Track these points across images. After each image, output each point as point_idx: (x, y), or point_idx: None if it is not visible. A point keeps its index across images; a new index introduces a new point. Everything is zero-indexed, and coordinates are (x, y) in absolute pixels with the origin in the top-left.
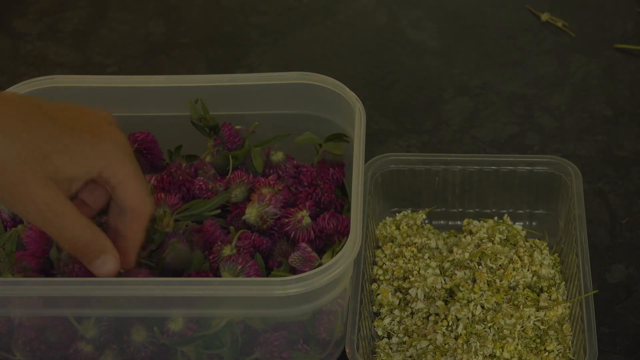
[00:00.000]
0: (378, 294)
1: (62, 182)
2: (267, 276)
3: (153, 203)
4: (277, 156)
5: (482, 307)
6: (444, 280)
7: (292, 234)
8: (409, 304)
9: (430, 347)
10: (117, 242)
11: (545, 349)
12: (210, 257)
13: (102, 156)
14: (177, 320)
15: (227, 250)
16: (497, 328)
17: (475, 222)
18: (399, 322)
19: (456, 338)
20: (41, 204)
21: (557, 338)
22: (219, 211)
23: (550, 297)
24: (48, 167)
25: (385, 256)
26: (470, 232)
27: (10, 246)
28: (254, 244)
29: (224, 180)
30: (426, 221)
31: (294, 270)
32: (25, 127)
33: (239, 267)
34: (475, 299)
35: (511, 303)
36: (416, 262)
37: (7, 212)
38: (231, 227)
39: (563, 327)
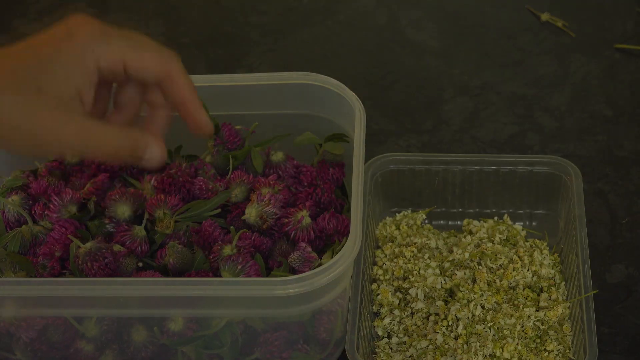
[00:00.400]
0: (378, 294)
1: (71, 102)
2: (267, 276)
3: (175, 58)
4: (277, 156)
5: (482, 307)
6: (444, 280)
7: (292, 234)
8: (409, 304)
9: (430, 347)
10: (182, 111)
11: (545, 349)
12: (211, 257)
13: (88, 54)
14: (177, 320)
15: (227, 250)
16: (497, 328)
17: (475, 222)
18: (399, 322)
19: (456, 338)
20: (66, 137)
21: (557, 338)
22: (219, 211)
23: (550, 297)
24: (48, 101)
25: (385, 256)
26: (470, 232)
27: (13, 246)
28: (254, 244)
29: (224, 180)
30: (426, 221)
31: (294, 271)
32: (5, 75)
33: (239, 266)
34: (475, 299)
35: (511, 303)
36: (416, 262)
37: (12, 213)
38: (231, 227)
39: (563, 327)
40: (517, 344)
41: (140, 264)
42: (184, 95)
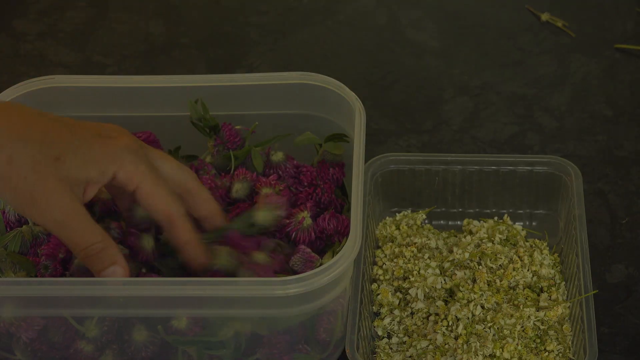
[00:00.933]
0: (378, 294)
1: (76, 186)
2: None
3: (179, 204)
4: (277, 156)
5: (482, 307)
6: (444, 280)
7: (293, 234)
8: (409, 304)
9: (430, 347)
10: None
11: (545, 349)
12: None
13: (114, 159)
14: (181, 318)
15: (261, 257)
16: (497, 328)
17: (475, 222)
18: (399, 322)
19: (456, 338)
20: (54, 207)
21: (557, 338)
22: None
23: (550, 297)
24: (61, 169)
25: (385, 256)
26: (470, 232)
27: (13, 246)
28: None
29: (227, 177)
30: (426, 221)
31: (294, 271)
32: (35, 130)
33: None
34: (475, 299)
35: (511, 303)
36: (416, 262)
37: (13, 213)
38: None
39: (563, 327)
40: (517, 344)
41: (144, 270)
42: (203, 213)
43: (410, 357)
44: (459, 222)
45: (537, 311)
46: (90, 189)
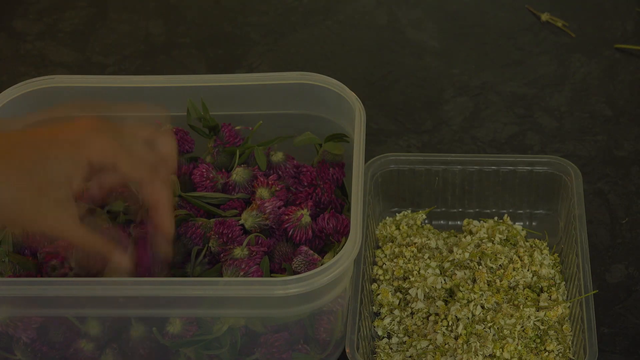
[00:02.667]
0: (378, 294)
1: (67, 201)
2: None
3: (155, 166)
4: (277, 156)
5: (482, 307)
6: (444, 280)
7: (291, 231)
8: (409, 304)
9: (430, 347)
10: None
11: (545, 349)
12: (222, 256)
13: (79, 146)
14: (174, 322)
15: (237, 252)
16: (497, 328)
17: (475, 222)
18: (399, 322)
19: (456, 338)
20: (63, 232)
21: (557, 338)
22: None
23: (550, 297)
24: (49, 195)
25: (385, 256)
26: (470, 232)
27: (7, 245)
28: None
29: (227, 173)
30: (426, 221)
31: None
32: (10, 169)
33: (241, 273)
34: (475, 299)
35: (511, 303)
36: (416, 262)
37: None
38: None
39: (563, 327)
40: (517, 344)
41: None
42: (155, 204)
43: (410, 357)
44: (459, 222)
45: (537, 311)
46: (75, 185)
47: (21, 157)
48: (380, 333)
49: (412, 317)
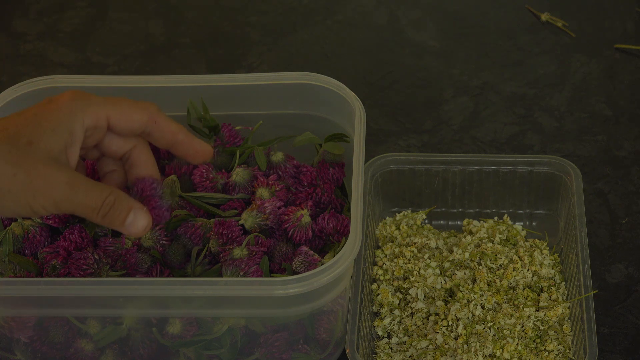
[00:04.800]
0: (378, 294)
1: (60, 154)
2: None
3: (151, 105)
4: (277, 156)
5: (482, 307)
6: (444, 280)
7: (291, 231)
8: (409, 304)
9: (430, 347)
10: (178, 146)
11: (545, 349)
12: (221, 256)
13: (74, 112)
14: (174, 322)
15: (237, 252)
16: (497, 328)
17: (475, 222)
18: (399, 322)
19: (456, 338)
20: (55, 185)
21: (557, 338)
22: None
23: (550, 297)
24: (38, 150)
25: (385, 256)
26: (470, 232)
27: (7, 245)
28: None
29: (227, 174)
30: (426, 221)
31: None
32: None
33: (241, 273)
34: (475, 299)
35: (511, 303)
36: (416, 262)
37: None
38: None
39: (563, 327)
40: (517, 344)
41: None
42: (174, 130)
43: (410, 357)
44: (459, 222)
45: (537, 311)
46: (71, 153)
47: (14, 137)
48: (380, 333)
49: (412, 317)
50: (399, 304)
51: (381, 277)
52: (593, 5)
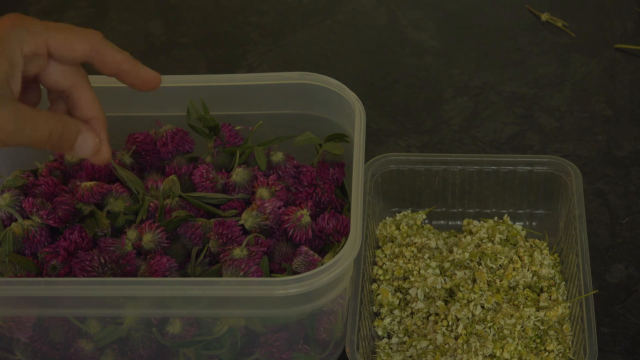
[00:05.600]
0: (378, 294)
1: (1, 86)
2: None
3: (94, 30)
4: (277, 156)
5: (482, 307)
6: (444, 280)
7: (291, 231)
8: (409, 304)
9: (430, 347)
10: (124, 74)
11: (545, 349)
12: (221, 256)
13: (11, 41)
14: (174, 323)
15: (237, 252)
16: (497, 328)
17: (475, 222)
18: (399, 322)
19: (456, 338)
20: (3, 119)
21: (557, 338)
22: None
23: (550, 297)
24: None
25: (385, 256)
26: (470, 232)
27: (7, 245)
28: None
29: (227, 174)
30: (426, 221)
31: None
32: None
33: (241, 273)
34: (475, 299)
35: (511, 303)
36: (416, 262)
37: (3, 211)
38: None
39: (563, 327)
40: (517, 344)
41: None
42: (118, 58)
43: (410, 357)
44: (459, 222)
45: (537, 311)
46: (13, 84)
47: None
48: (380, 333)
49: (412, 317)
50: (399, 304)
51: (381, 277)
52: (593, 5)
